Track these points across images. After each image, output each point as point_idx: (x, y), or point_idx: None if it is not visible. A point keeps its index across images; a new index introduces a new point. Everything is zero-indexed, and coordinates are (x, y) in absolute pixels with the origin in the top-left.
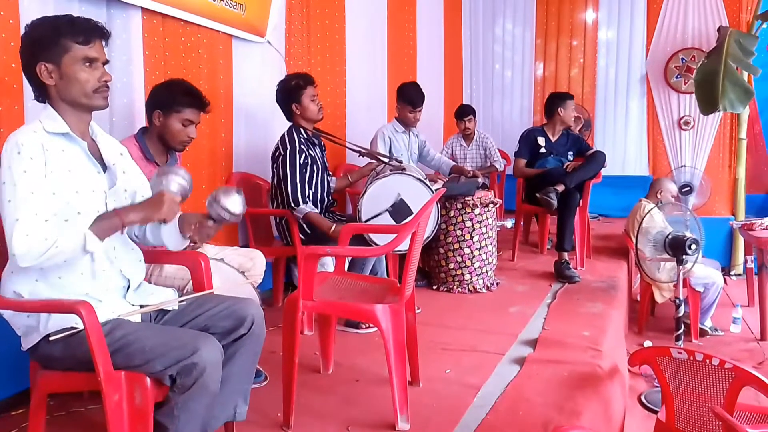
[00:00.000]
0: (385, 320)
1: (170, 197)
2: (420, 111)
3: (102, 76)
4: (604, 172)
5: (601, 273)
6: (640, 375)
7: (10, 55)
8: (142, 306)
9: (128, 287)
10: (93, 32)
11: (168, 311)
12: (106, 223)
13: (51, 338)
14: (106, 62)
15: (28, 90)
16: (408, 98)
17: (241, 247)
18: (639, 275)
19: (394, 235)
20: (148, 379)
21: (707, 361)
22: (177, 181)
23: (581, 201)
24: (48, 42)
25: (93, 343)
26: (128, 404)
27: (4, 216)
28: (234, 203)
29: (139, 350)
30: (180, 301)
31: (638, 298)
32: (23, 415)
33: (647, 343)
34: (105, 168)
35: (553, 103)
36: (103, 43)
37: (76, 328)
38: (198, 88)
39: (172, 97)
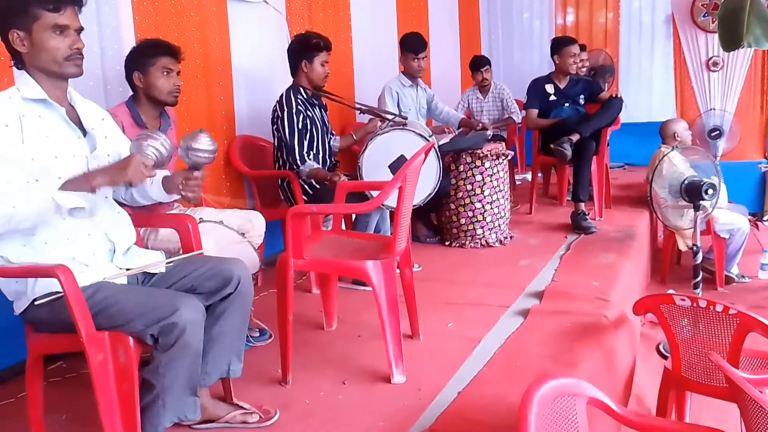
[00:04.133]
0: (377, 276)
1: (138, 161)
2: (424, 58)
3: (74, 44)
4: (628, 119)
5: (620, 223)
6: (658, 324)
7: None
8: (127, 269)
9: (114, 250)
10: None
11: (155, 274)
12: (72, 185)
13: (36, 302)
14: (80, 29)
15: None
16: (409, 45)
17: (249, 209)
18: None
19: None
20: (131, 339)
21: (711, 307)
22: (152, 145)
23: (598, 150)
24: (17, 9)
25: (72, 305)
26: (113, 363)
27: None
28: (203, 143)
29: (120, 311)
30: (167, 263)
31: None
32: None
33: (671, 292)
34: (85, 133)
35: (552, 50)
36: (77, 9)
37: (60, 292)
38: (192, 51)
39: (141, 53)
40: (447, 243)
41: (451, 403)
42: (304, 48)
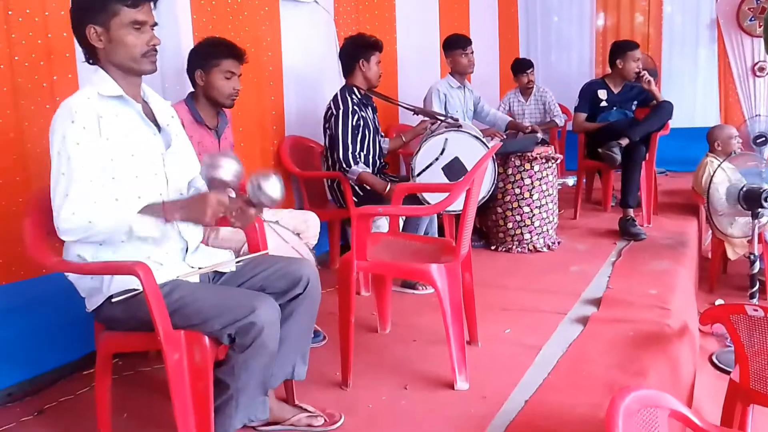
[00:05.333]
0: (441, 279)
1: (216, 202)
2: (472, 52)
3: (150, 40)
4: (671, 124)
5: (669, 230)
6: (710, 334)
7: (62, 24)
8: (200, 267)
9: (186, 249)
10: None
11: (224, 273)
12: (150, 211)
13: (113, 300)
14: (155, 25)
15: (81, 58)
16: (456, 43)
17: (297, 209)
18: (710, 231)
19: (447, 194)
20: (206, 338)
21: None
22: (226, 178)
23: (647, 155)
24: (97, 5)
25: (151, 303)
26: (188, 363)
27: (54, 186)
28: (274, 189)
29: (197, 310)
30: (236, 262)
31: (709, 256)
32: (92, 375)
33: (719, 302)
34: (159, 129)
35: (614, 54)
36: (152, 5)
37: (137, 289)
38: (245, 50)
39: (207, 52)
40: (493, 247)
41: (520, 411)
42: (362, 47)
